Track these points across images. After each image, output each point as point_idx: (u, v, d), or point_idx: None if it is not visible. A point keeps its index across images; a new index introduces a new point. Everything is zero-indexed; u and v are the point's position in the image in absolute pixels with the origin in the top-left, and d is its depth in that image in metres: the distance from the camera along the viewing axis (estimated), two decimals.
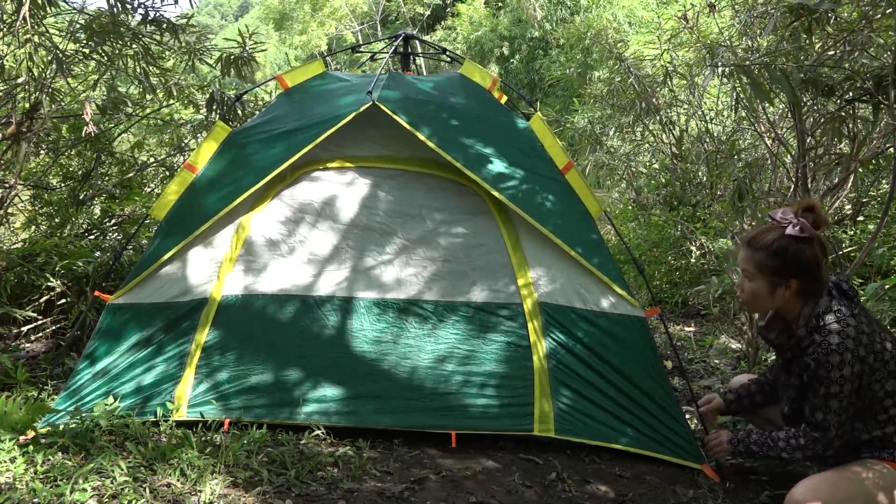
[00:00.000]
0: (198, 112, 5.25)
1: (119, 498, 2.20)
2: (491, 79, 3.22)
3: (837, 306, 2.20)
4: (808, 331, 2.23)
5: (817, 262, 2.21)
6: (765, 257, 2.24)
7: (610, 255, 2.96)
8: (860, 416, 2.22)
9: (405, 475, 2.53)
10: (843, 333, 2.14)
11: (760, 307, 2.36)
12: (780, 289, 2.25)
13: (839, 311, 2.19)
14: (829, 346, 2.14)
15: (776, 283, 2.25)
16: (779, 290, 2.25)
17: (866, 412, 2.22)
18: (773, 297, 2.27)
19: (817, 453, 2.27)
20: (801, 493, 2.18)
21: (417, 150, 2.94)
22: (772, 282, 2.25)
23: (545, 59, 19.45)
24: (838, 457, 2.29)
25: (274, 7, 25.80)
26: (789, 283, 2.23)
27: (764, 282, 2.26)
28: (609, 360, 2.82)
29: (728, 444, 2.51)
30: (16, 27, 3.20)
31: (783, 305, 2.29)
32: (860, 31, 2.81)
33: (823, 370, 2.15)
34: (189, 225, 2.88)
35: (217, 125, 3.04)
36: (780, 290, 2.25)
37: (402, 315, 2.93)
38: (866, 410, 2.21)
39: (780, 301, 2.28)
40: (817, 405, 2.20)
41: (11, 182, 4.27)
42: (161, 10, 3.80)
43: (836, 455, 2.29)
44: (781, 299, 2.27)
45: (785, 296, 2.25)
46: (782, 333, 2.37)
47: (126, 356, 2.84)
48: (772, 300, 2.29)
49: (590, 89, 7.28)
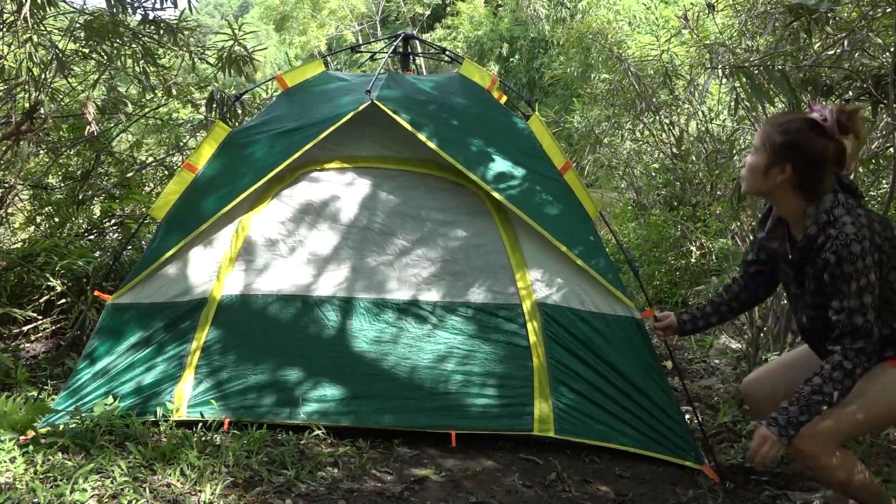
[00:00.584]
0: (197, 111, 5.25)
1: (119, 498, 2.21)
2: (490, 79, 3.22)
3: (844, 199, 2.09)
4: (819, 227, 2.09)
5: (824, 159, 2.09)
6: (774, 132, 2.13)
7: (608, 256, 2.96)
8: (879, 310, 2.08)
9: (405, 475, 2.53)
10: (858, 223, 2.02)
11: (751, 183, 2.22)
12: (774, 169, 2.12)
13: (847, 203, 2.08)
14: (847, 237, 2.01)
15: (773, 163, 2.12)
16: (773, 170, 2.13)
17: (885, 306, 2.09)
18: (767, 176, 2.15)
19: (865, 366, 2.06)
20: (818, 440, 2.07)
21: (417, 150, 2.94)
22: (770, 159, 2.13)
23: (545, 58, 19.46)
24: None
25: (274, 7, 25.79)
26: (784, 167, 2.10)
27: (764, 157, 2.15)
28: (608, 361, 2.82)
29: (777, 436, 2.08)
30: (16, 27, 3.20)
31: (774, 192, 2.17)
32: (859, 30, 2.81)
33: (849, 264, 2.01)
34: (189, 225, 2.88)
35: (217, 125, 3.04)
36: (775, 170, 2.12)
37: (401, 315, 2.93)
38: (885, 304, 2.09)
39: (772, 184, 2.15)
40: (853, 308, 2.03)
41: (11, 182, 4.27)
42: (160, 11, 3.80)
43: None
44: (773, 183, 2.14)
45: (777, 179, 2.13)
46: (784, 242, 2.25)
47: (126, 356, 2.84)
48: (764, 179, 2.16)
49: (590, 89, 7.28)
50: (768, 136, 2.14)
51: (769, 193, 2.20)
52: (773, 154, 2.12)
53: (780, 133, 2.12)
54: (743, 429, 3.17)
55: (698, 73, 5.08)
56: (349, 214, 3.00)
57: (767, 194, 2.21)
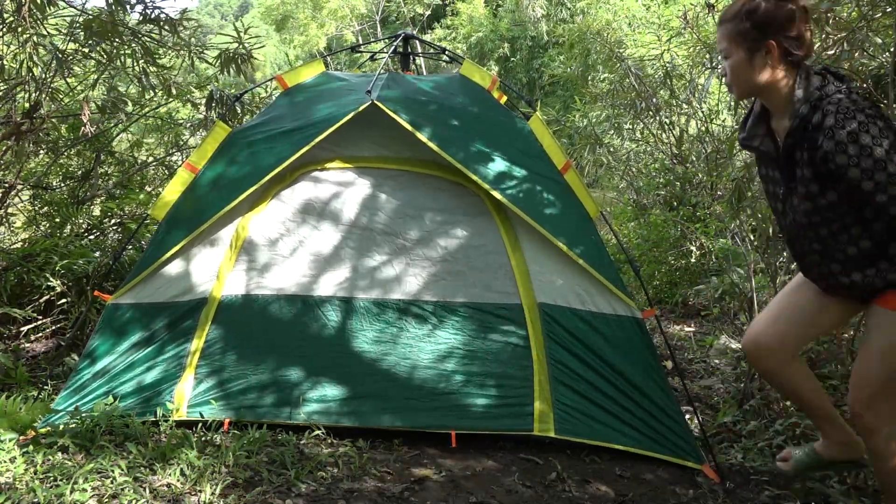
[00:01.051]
0: (197, 111, 5.26)
1: (119, 498, 2.21)
2: (490, 79, 3.22)
3: (833, 80, 2.00)
4: (811, 105, 1.98)
5: (794, 16, 1.99)
6: (736, 24, 2.05)
7: (608, 256, 2.96)
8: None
9: (405, 475, 2.53)
10: (852, 98, 1.93)
11: (744, 82, 2.11)
12: (758, 55, 2.03)
13: (838, 84, 1.99)
14: (846, 108, 1.90)
15: (753, 49, 2.03)
16: (757, 56, 2.03)
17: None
18: (754, 66, 2.05)
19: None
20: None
21: (417, 150, 2.94)
22: (748, 49, 2.04)
23: (545, 57, 19.46)
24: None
25: (274, 7, 25.80)
26: (767, 46, 2.00)
27: (741, 52, 2.05)
28: (608, 361, 2.82)
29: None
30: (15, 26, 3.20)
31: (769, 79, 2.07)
32: (859, 30, 2.81)
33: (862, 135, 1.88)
34: (189, 225, 2.88)
35: (217, 125, 3.04)
36: (760, 55, 2.03)
37: (401, 315, 2.93)
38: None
39: (763, 70, 2.05)
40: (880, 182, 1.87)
41: (11, 182, 4.28)
42: (160, 7, 3.80)
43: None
44: (764, 68, 2.04)
45: (767, 63, 2.03)
46: (766, 138, 2.15)
47: (126, 356, 2.84)
48: (753, 71, 2.05)
49: (590, 89, 7.28)
50: (734, 30, 2.05)
51: (764, 85, 2.08)
52: (749, 41, 2.03)
53: (741, 20, 2.04)
54: (743, 429, 3.17)
55: (699, 72, 5.08)
56: (349, 214, 3.00)
57: (762, 87, 2.09)
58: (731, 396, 3.58)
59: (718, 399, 3.66)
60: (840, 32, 2.91)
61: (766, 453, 2.93)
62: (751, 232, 4.55)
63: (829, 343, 3.59)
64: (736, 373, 3.88)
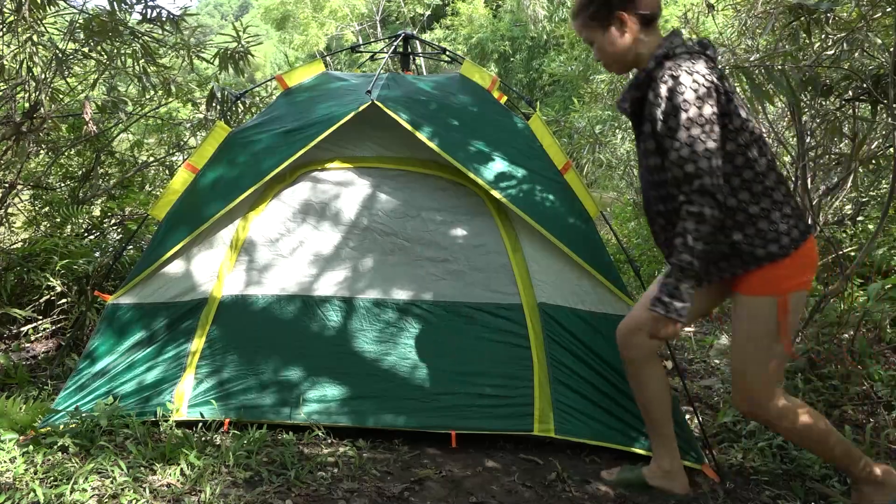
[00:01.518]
0: (197, 111, 5.26)
1: (119, 498, 2.21)
2: (490, 79, 3.22)
3: (691, 46, 2.06)
4: (657, 61, 2.06)
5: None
6: (586, 10, 2.15)
7: (609, 256, 2.96)
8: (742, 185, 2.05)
9: (405, 475, 2.53)
10: (698, 67, 1.98)
11: (614, 58, 2.18)
12: (613, 27, 2.11)
13: (693, 49, 2.04)
14: (680, 67, 1.97)
15: (607, 25, 2.12)
16: (613, 29, 2.11)
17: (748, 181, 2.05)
18: (613, 40, 2.13)
19: (717, 222, 1.98)
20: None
21: (417, 150, 2.94)
22: (603, 26, 2.13)
23: (545, 57, 19.46)
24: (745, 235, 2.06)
25: (273, 8, 25.80)
26: (619, 16, 2.09)
27: (600, 32, 2.14)
28: (608, 360, 2.82)
29: (664, 313, 2.06)
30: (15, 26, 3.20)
31: (631, 46, 2.13)
32: (859, 30, 2.81)
33: (678, 96, 1.94)
34: (189, 225, 2.88)
35: (217, 125, 3.04)
36: (615, 28, 2.11)
37: (402, 315, 2.93)
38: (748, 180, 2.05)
39: (622, 40, 2.12)
40: (683, 154, 1.95)
41: (11, 182, 4.28)
42: (160, 7, 3.80)
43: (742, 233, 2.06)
44: (623, 38, 2.12)
45: (624, 32, 2.11)
46: (636, 102, 2.18)
47: (126, 356, 2.84)
48: (615, 44, 2.14)
49: (590, 88, 7.29)
50: (586, 17, 2.16)
51: (630, 53, 2.15)
52: (601, 20, 2.13)
53: (588, 4, 2.14)
54: (743, 429, 3.17)
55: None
56: (350, 214, 3.00)
57: (630, 57, 2.16)
58: (731, 396, 3.58)
59: (718, 399, 3.66)
60: (840, 32, 2.92)
61: (766, 453, 2.93)
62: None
63: (829, 343, 3.60)
64: None
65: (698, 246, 1.97)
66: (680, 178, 1.98)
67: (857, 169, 3.34)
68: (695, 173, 1.94)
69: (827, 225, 3.96)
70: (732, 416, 3.27)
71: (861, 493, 2.31)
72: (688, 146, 1.94)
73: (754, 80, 2.76)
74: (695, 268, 2.00)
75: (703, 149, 1.93)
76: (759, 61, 2.77)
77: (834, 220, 4.27)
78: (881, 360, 3.71)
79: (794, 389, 3.35)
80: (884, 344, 3.83)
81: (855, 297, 3.94)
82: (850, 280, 3.66)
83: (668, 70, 2.00)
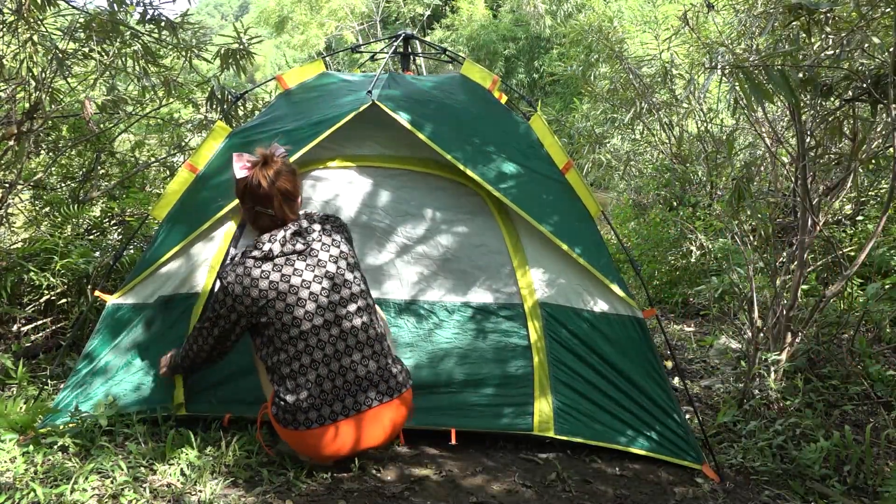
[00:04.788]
0: (197, 111, 5.26)
1: (119, 498, 2.21)
2: (491, 78, 3.22)
3: (255, 242, 2.42)
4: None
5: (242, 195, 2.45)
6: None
7: (609, 255, 2.96)
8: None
9: (405, 475, 2.53)
10: (232, 265, 2.41)
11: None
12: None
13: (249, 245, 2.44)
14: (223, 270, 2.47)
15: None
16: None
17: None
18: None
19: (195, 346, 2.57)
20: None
21: (418, 149, 2.94)
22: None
23: (546, 57, 19.46)
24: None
25: (271, 10, 25.77)
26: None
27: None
28: (609, 360, 2.82)
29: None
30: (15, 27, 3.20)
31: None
32: (859, 30, 2.81)
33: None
34: (190, 225, 2.87)
35: (217, 125, 3.04)
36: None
37: (402, 314, 2.93)
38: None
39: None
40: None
41: (11, 182, 4.27)
42: (159, 8, 3.80)
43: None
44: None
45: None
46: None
47: (126, 355, 2.84)
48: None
49: (591, 87, 7.29)
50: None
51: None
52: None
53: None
54: (743, 429, 3.17)
55: (697, 72, 5.08)
56: (350, 213, 3.00)
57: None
58: (731, 396, 3.58)
59: (718, 399, 3.66)
60: (840, 32, 2.92)
61: (766, 453, 2.94)
62: (750, 232, 4.56)
63: (829, 343, 3.60)
64: (736, 373, 3.89)
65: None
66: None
67: (857, 169, 3.34)
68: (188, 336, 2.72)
69: (827, 225, 3.96)
70: (732, 416, 3.27)
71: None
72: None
73: (754, 80, 2.76)
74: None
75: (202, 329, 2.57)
76: (759, 61, 2.77)
77: (834, 220, 4.27)
78: (881, 360, 3.71)
79: (794, 389, 3.35)
80: (884, 344, 3.83)
81: (855, 297, 3.94)
82: (850, 280, 3.66)
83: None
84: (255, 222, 2.46)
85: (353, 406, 2.34)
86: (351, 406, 2.34)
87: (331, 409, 2.32)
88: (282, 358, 2.35)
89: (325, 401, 2.33)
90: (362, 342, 2.38)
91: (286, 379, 2.34)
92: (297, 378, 2.33)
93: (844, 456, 2.80)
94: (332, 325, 2.36)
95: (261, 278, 2.34)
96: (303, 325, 2.33)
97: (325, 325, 2.35)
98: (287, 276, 2.35)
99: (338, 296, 2.38)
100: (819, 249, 4.41)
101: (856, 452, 2.77)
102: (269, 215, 2.40)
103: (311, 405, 2.32)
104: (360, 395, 2.34)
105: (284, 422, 2.35)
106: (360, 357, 2.37)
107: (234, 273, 2.37)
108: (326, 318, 2.35)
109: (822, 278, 4.48)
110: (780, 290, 3.51)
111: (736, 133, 5.20)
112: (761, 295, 3.82)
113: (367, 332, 2.39)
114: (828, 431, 2.99)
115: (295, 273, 2.36)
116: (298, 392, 2.32)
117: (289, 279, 2.35)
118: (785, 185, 4.40)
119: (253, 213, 2.43)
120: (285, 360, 2.34)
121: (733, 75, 2.83)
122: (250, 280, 2.34)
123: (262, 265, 2.36)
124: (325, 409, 2.32)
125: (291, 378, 2.34)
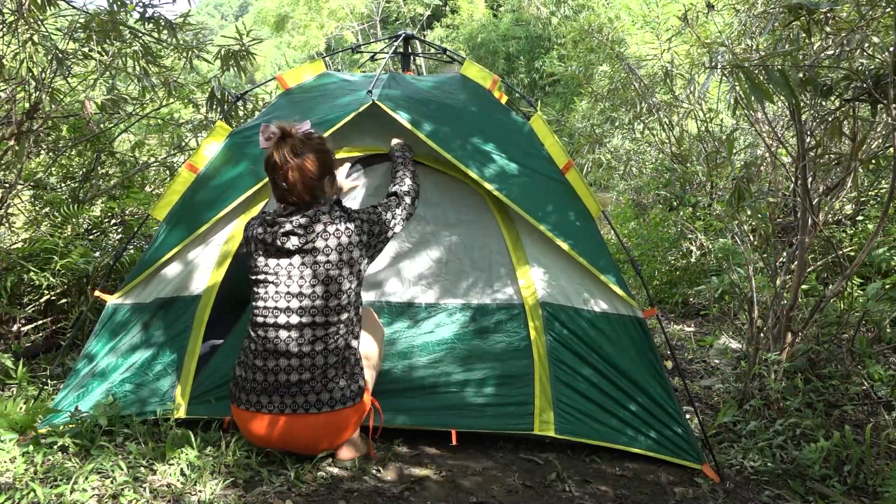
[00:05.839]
0: (198, 111, 5.26)
1: (119, 498, 2.21)
2: (491, 78, 3.21)
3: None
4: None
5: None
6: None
7: (610, 255, 2.95)
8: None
9: (405, 475, 2.53)
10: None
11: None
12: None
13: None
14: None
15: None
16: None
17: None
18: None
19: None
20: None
21: (418, 149, 2.94)
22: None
23: (546, 57, 19.44)
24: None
25: (271, 10, 25.76)
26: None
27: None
28: (609, 360, 2.82)
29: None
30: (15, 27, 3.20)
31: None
32: (859, 30, 2.81)
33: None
34: (190, 225, 2.87)
35: (217, 125, 3.04)
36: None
37: (402, 314, 2.93)
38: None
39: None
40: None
41: (11, 182, 4.28)
42: (158, 8, 3.80)
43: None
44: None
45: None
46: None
47: (126, 355, 2.84)
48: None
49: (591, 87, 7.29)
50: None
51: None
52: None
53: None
54: (743, 429, 3.17)
55: (697, 72, 5.08)
56: None
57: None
58: (731, 396, 3.58)
59: (718, 399, 3.66)
60: (840, 32, 2.91)
61: (766, 453, 2.94)
62: (750, 232, 4.56)
63: (829, 343, 3.60)
64: (736, 373, 3.89)
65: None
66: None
67: (857, 169, 3.33)
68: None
69: (827, 225, 3.96)
70: (732, 416, 3.27)
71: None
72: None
73: (754, 79, 2.76)
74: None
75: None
76: (759, 61, 2.77)
77: (834, 220, 4.27)
78: (881, 360, 3.71)
79: (794, 389, 3.35)
80: (884, 344, 3.83)
81: (855, 297, 3.94)
82: (850, 280, 3.66)
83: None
84: (273, 190, 2.50)
85: (278, 404, 2.41)
86: (277, 404, 2.41)
87: (257, 399, 2.42)
88: (248, 331, 2.49)
89: (253, 389, 2.43)
90: (292, 353, 2.41)
91: (241, 351, 2.50)
92: (247, 354, 2.46)
93: (844, 456, 2.80)
94: (281, 327, 2.41)
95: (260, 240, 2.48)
96: (267, 306, 2.44)
97: (275, 324, 2.41)
98: (277, 259, 2.45)
99: (298, 303, 2.40)
100: (819, 249, 4.41)
101: (856, 452, 2.77)
102: (283, 188, 2.43)
103: (242, 387, 2.45)
104: (287, 398, 2.40)
105: (229, 391, 2.52)
106: (291, 364, 2.41)
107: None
108: (279, 318, 2.41)
109: (822, 278, 4.48)
110: (780, 290, 3.51)
111: (736, 133, 5.19)
112: (761, 295, 3.82)
113: (302, 346, 2.40)
114: (828, 431, 2.99)
115: (283, 257, 2.44)
116: (244, 369, 2.46)
117: (277, 262, 2.44)
118: (785, 185, 4.40)
119: (271, 180, 2.48)
120: (247, 335, 2.49)
121: (733, 75, 2.83)
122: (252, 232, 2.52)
123: (267, 229, 2.46)
124: (253, 396, 2.43)
125: (244, 352, 2.48)
